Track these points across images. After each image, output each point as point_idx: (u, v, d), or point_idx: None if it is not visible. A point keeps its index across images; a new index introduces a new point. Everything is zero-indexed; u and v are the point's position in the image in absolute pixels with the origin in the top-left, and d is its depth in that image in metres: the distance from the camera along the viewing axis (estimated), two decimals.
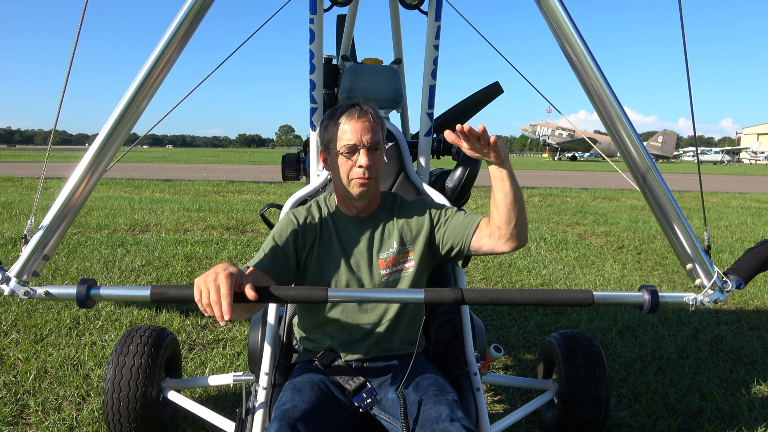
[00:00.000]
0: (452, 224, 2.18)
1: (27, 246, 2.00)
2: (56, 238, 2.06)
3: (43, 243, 2.02)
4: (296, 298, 1.84)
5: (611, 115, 2.03)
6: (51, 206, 2.05)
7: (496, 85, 4.14)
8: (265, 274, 2.01)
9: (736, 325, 5.20)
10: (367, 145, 2.04)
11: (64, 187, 2.03)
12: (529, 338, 4.73)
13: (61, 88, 2.06)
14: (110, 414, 2.88)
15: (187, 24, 2.00)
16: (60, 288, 1.94)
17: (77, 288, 1.84)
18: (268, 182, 20.10)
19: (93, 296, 1.85)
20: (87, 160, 2.02)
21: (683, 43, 2.13)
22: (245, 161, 45.76)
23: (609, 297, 2.01)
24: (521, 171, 36.18)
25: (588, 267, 7.46)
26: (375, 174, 2.08)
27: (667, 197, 2.10)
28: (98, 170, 2.05)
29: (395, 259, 2.19)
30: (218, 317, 1.60)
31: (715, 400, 3.66)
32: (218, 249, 7.94)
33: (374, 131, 2.07)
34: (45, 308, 5.06)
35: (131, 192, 15.95)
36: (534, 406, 3.04)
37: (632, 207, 14.65)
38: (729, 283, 2.15)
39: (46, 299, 1.94)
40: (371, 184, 2.08)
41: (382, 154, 2.11)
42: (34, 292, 1.94)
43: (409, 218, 2.23)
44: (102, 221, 9.98)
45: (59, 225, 2.04)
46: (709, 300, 2.12)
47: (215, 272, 1.65)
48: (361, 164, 2.03)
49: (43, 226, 2.01)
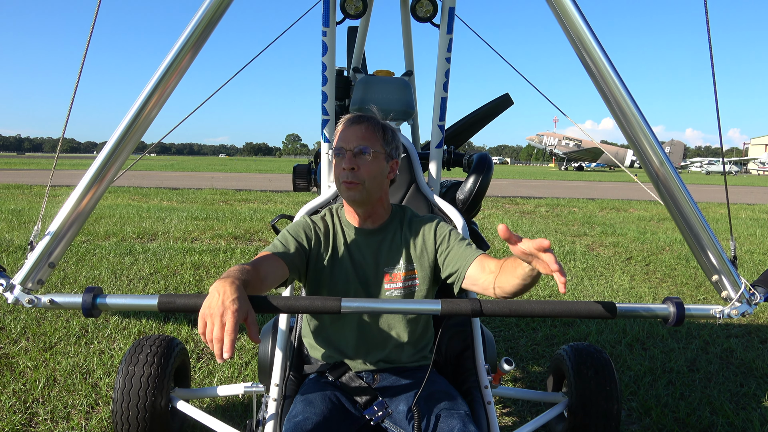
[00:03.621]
0: (453, 252, 2.15)
1: (32, 253, 1.97)
2: (63, 245, 2.02)
3: (50, 250, 1.99)
4: (309, 309, 1.81)
5: (633, 125, 1.99)
6: (58, 213, 2.02)
7: (506, 97, 4.14)
8: (279, 258, 2.01)
9: (746, 338, 5.16)
10: (353, 149, 2.06)
11: (72, 194, 2.00)
12: (537, 350, 4.71)
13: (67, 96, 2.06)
14: (119, 423, 2.88)
15: (200, 32, 1.99)
16: (65, 296, 1.90)
17: (83, 296, 1.81)
18: (275, 191, 20.16)
19: (99, 305, 1.82)
20: (95, 167, 2.00)
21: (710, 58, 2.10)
22: (252, 170, 45.90)
23: (633, 309, 1.95)
24: (528, 181, 36.15)
25: (596, 278, 7.43)
26: (361, 179, 2.07)
27: (691, 207, 2.05)
28: (107, 178, 2.03)
29: (401, 275, 2.19)
30: (217, 355, 1.52)
31: (726, 414, 3.62)
32: (226, 258, 7.96)
33: (364, 138, 2.08)
34: (54, 316, 5.08)
35: (139, 200, 16.02)
36: (544, 420, 3.01)
37: (640, 218, 14.59)
38: (757, 296, 2.08)
39: (51, 308, 1.91)
40: (358, 188, 2.08)
41: (371, 160, 2.08)
42: (38, 301, 1.90)
43: (417, 236, 2.23)
44: (110, 229, 10.02)
45: (66, 232, 2.01)
46: (737, 313, 2.07)
47: (222, 305, 1.55)
48: (344, 167, 2.06)
49: (49, 233, 1.98)
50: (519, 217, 14.41)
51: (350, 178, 2.07)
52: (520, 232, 11.21)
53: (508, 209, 16.26)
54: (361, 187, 2.09)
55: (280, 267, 1.99)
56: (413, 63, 3.71)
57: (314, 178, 3.28)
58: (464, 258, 2.08)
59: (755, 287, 2.12)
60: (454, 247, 2.15)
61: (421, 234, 2.23)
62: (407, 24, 3.58)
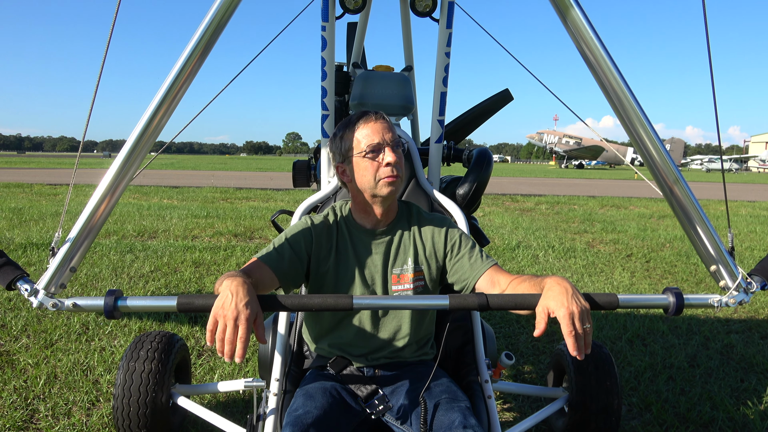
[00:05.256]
0: (464, 261, 2.15)
1: (54, 258, 2.02)
2: (82, 250, 2.07)
3: (70, 256, 2.03)
4: (322, 306, 1.83)
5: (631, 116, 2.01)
6: (76, 221, 2.06)
7: (506, 93, 4.13)
8: (270, 270, 2.01)
9: (746, 333, 5.16)
10: (391, 142, 2.04)
11: (89, 202, 2.03)
12: (538, 346, 4.71)
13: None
14: (120, 420, 2.88)
15: (209, 36, 1.98)
16: (87, 300, 1.94)
17: (105, 299, 1.85)
18: (275, 189, 20.17)
19: (120, 307, 1.86)
20: (111, 176, 2.02)
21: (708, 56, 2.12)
22: (252, 168, 45.93)
23: (634, 300, 2.02)
24: (528, 179, 36.15)
25: (597, 275, 7.43)
26: (401, 172, 2.08)
27: (689, 199, 2.09)
28: (122, 184, 2.05)
29: (408, 276, 2.18)
30: (227, 356, 1.55)
31: (727, 410, 3.62)
32: (226, 255, 7.96)
33: (393, 131, 2.09)
34: (54, 314, 5.08)
35: (140, 198, 16.03)
36: (544, 415, 3.02)
37: (640, 215, 14.60)
38: (754, 284, 2.12)
39: (74, 311, 1.95)
40: (399, 182, 2.07)
41: (403, 154, 2.13)
42: (62, 304, 1.94)
43: (425, 237, 2.22)
44: (111, 227, 10.03)
45: (85, 238, 2.05)
46: (734, 301, 2.11)
47: (236, 309, 1.59)
48: (388, 161, 2.02)
49: (69, 239, 2.03)
50: (519, 214, 14.41)
51: (396, 172, 2.04)
52: (521, 230, 11.22)
53: (508, 207, 16.26)
54: (400, 180, 2.08)
55: (270, 279, 2.01)
56: (413, 58, 3.70)
57: (314, 174, 3.28)
58: (475, 269, 2.10)
59: (752, 276, 2.17)
60: (465, 255, 2.16)
61: (430, 236, 2.22)
62: (407, 19, 3.58)
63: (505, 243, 9.54)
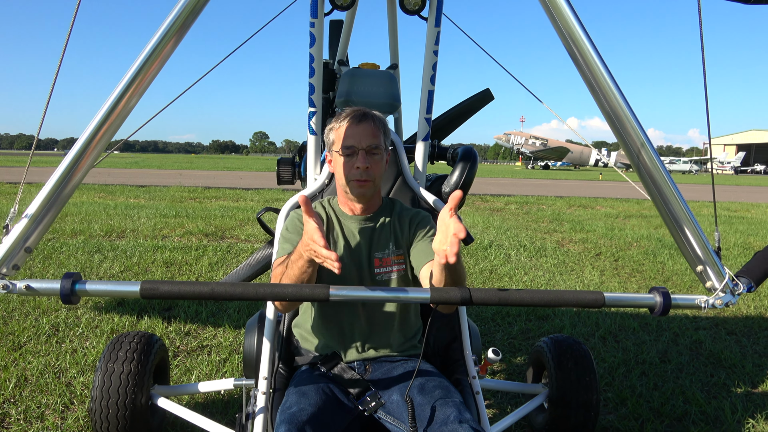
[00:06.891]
0: (419, 246, 2.20)
1: (8, 236, 1.89)
2: (40, 230, 1.96)
3: (26, 235, 1.92)
4: (297, 296, 1.78)
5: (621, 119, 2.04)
6: (36, 196, 1.94)
7: (487, 92, 4.17)
8: None
9: (713, 330, 5.31)
10: (365, 148, 2.09)
11: (50, 177, 1.93)
12: (514, 343, 4.77)
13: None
14: (98, 422, 2.82)
15: (183, 18, 1.96)
16: (42, 282, 1.83)
17: (61, 282, 1.75)
18: (245, 188, 19.93)
19: (78, 291, 1.77)
20: (75, 151, 1.95)
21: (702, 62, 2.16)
22: (220, 167, 45.31)
23: (620, 299, 2.01)
24: (497, 179, 36.53)
25: (567, 273, 7.56)
26: (372, 177, 2.14)
27: (676, 198, 2.11)
28: (87, 162, 1.97)
29: (390, 260, 2.24)
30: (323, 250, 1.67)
31: (699, 403, 3.73)
32: (198, 255, 7.83)
33: (374, 136, 2.12)
34: (22, 315, 4.93)
35: (105, 197, 15.65)
36: (525, 411, 3.05)
37: (607, 215, 14.90)
38: (740, 286, 2.15)
39: (27, 294, 1.82)
40: (369, 186, 2.14)
41: (381, 158, 2.16)
42: (13, 286, 1.83)
43: (404, 224, 2.29)
44: (77, 227, 9.76)
45: (44, 216, 1.94)
46: (721, 303, 2.11)
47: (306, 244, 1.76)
48: (358, 166, 2.09)
49: (27, 215, 1.90)
50: (490, 214, 14.55)
51: (364, 176, 2.10)
52: (492, 229, 11.33)
53: (478, 207, 16.41)
54: (372, 183, 2.15)
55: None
56: (398, 56, 3.71)
57: (298, 172, 3.26)
58: (423, 255, 2.14)
59: (738, 278, 2.18)
60: (423, 242, 2.20)
61: (407, 221, 2.29)
62: (393, 17, 3.58)
63: (478, 242, 9.63)
